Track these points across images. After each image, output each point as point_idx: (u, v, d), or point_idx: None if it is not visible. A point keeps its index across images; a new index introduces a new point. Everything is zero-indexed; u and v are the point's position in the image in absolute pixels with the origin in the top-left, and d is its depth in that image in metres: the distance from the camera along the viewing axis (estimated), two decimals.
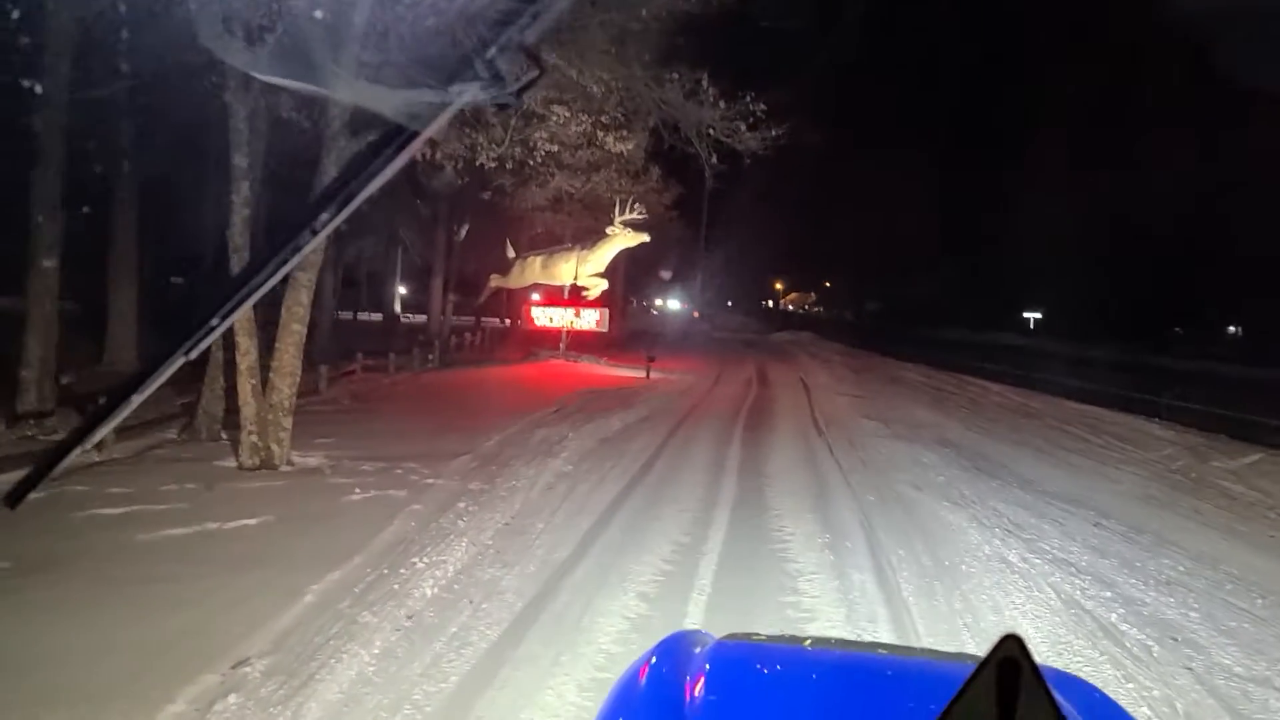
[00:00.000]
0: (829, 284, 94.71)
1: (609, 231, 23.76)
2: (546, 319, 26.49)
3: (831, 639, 4.14)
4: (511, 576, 5.66)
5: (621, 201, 23.13)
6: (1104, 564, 6.73)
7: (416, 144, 1.14)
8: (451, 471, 8.56)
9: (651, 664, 1.91)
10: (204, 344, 1.16)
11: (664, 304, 63.21)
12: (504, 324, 34.33)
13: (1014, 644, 0.90)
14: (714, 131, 13.35)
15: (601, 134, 17.26)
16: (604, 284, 25.15)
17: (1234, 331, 56.45)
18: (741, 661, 1.96)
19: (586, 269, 24.66)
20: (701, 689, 1.70)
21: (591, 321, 25.85)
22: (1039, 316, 62.55)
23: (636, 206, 23.25)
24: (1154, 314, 51.77)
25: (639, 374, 20.61)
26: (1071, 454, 12.51)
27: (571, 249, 25.33)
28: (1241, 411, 16.03)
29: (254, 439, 8.41)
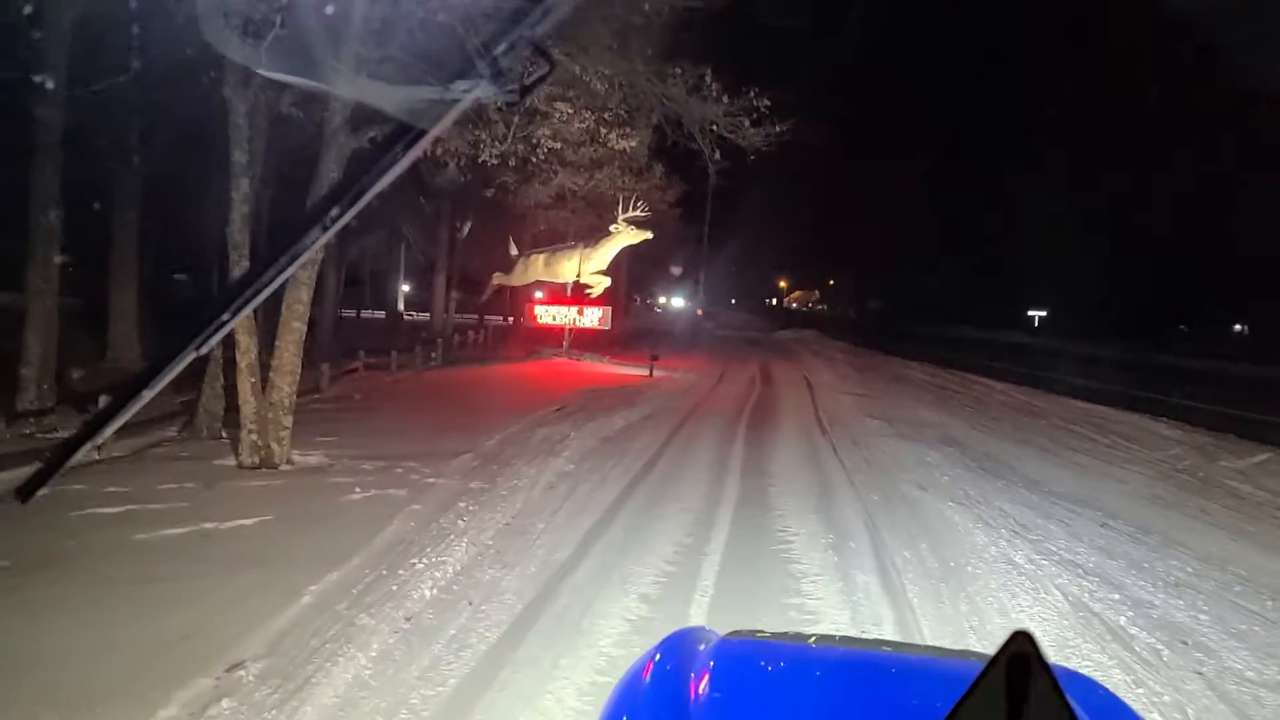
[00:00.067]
0: (833, 282, 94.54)
1: (612, 229, 23.69)
2: (549, 317, 26.40)
3: (836, 636, 4.09)
4: (511, 577, 5.59)
5: (624, 199, 23.07)
6: (1111, 565, 6.66)
7: (426, 140, 1.14)
8: (452, 470, 8.50)
9: (656, 661, 1.89)
10: (215, 339, 1.16)
11: (667, 302, 63.20)
12: (507, 322, 34.26)
13: (1025, 640, 0.90)
14: (717, 127, 13.27)
15: (604, 131, 17.23)
16: (607, 281, 25.06)
17: (1240, 330, 56.25)
18: (746, 658, 1.94)
19: (589, 266, 24.59)
20: (706, 686, 1.69)
21: (594, 319, 25.74)
22: (1043, 314, 62.33)
23: (639, 204, 23.19)
24: (1159, 312, 51.61)
25: (642, 372, 20.56)
26: (1077, 453, 12.43)
27: (574, 246, 25.26)
28: (1249, 410, 15.93)
29: (254, 438, 8.35)
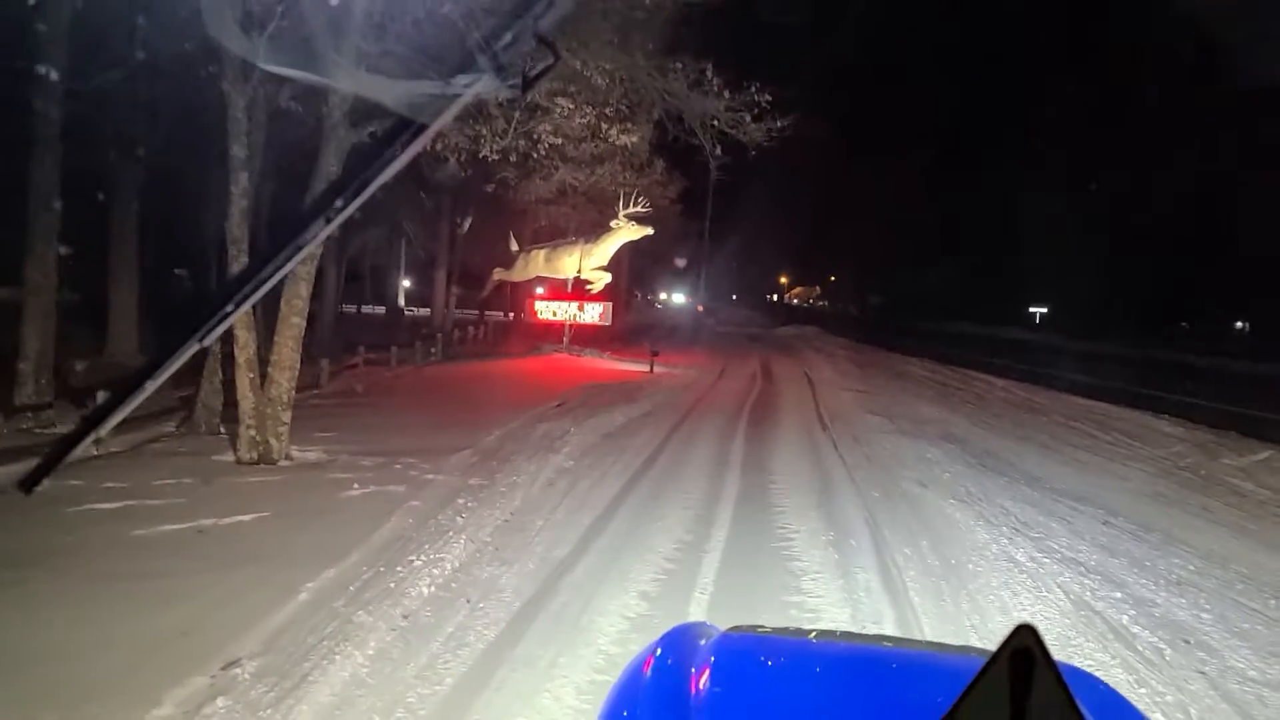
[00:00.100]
0: (834, 278, 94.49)
1: (613, 225, 23.64)
2: (550, 313, 26.34)
3: (836, 631, 4.16)
4: (510, 575, 5.56)
5: (625, 195, 23.02)
6: (1113, 563, 6.62)
7: (429, 133, 1.14)
8: (451, 467, 8.46)
9: (657, 656, 1.89)
10: (218, 331, 1.16)
11: (668, 298, 63.17)
12: (508, 317, 34.22)
13: (1028, 634, 0.90)
14: (718, 122, 13.21)
15: (605, 126, 17.18)
16: (607, 277, 25.01)
17: (1241, 327, 56.19)
18: (747, 653, 1.95)
19: (590, 262, 24.54)
20: (707, 681, 1.69)
21: (595, 315, 25.68)
22: (1044, 311, 62.28)
23: (640, 200, 23.14)
24: (1160, 309, 51.58)
25: (642, 368, 20.52)
26: (1079, 450, 12.39)
27: (575, 242, 25.21)
28: (1250, 408, 15.90)
29: (252, 433, 8.32)
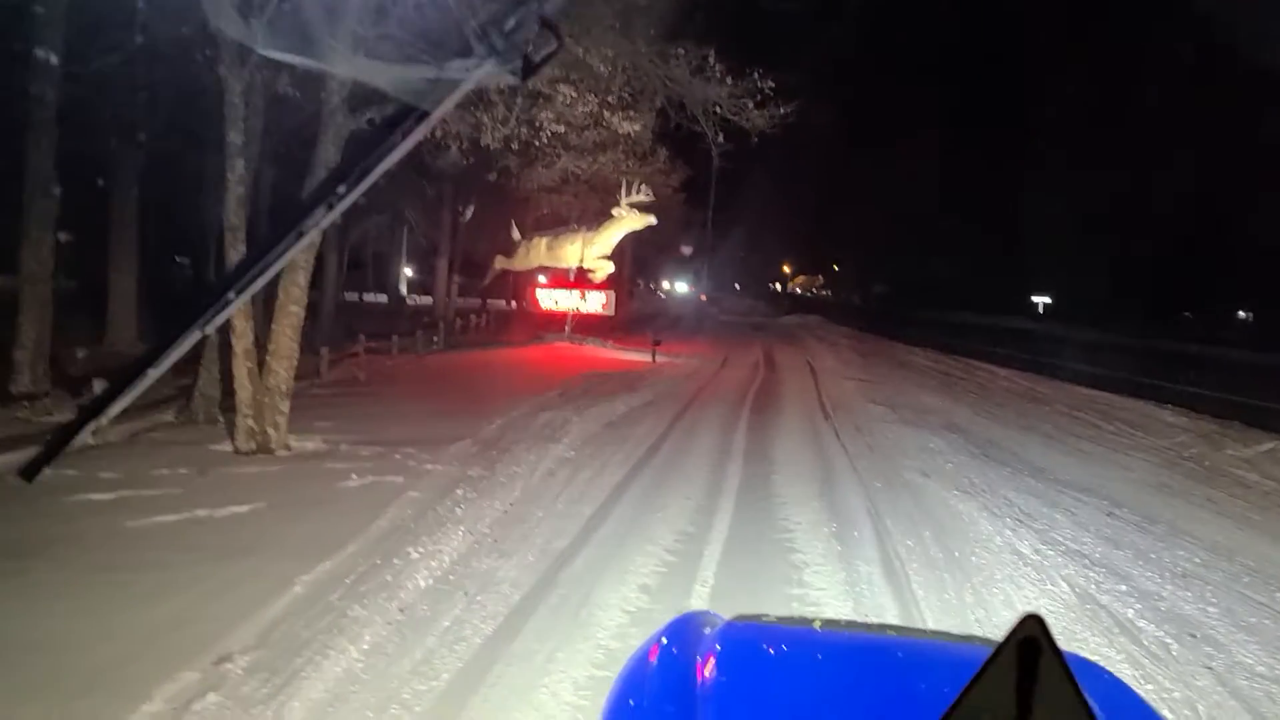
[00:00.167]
0: (837, 267, 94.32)
1: (615, 213, 23.54)
2: (552, 301, 26.29)
3: (841, 620, 4.13)
4: (509, 567, 5.50)
5: (628, 183, 22.91)
6: (1118, 555, 6.55)
7: (435, 117, 1.12)
8: (451, 457, 8.40)
9: (662, 644, 1.89)
10: (221, 318, 1.15)
11: (671, 287, 63.02)
12: (509, 306, 34.15)
13: (1034, 624, 0.90)
14: (721, 109, 13.09)
15: (608, 114, 17.05)
16: (610, 266, 24.93)
17: (1244, 317, 56.02)
18: (752, 642, 1.94)
19: (592, 251, 24.46)
20: (713, 669, 1.69)
21: (597, 304, 25.62)
22: (1048, 301, 62.12)
23: (643, 188, 23.03)
24: (1163, 299, 51.38)
25: (645, 357, 20.46)
26: (1082, 440, 12.31)
27: (577, 231, 25.11)
28: (1254, 398, 15.81)
29: (250, 423, 8.26)
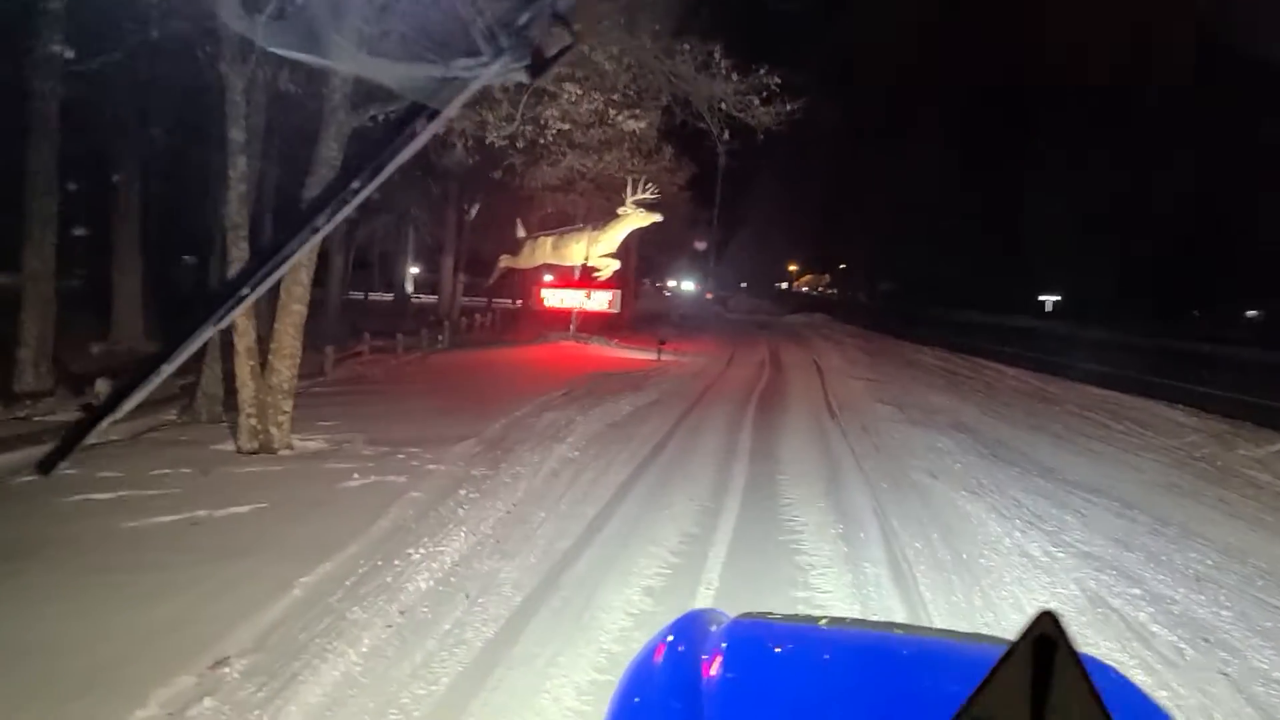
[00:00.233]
0: (843, 265, 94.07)
1: (620, 211, 23.45)
2: (557, 300, 26.19)
3: (847, 619, 4.04)
4: (511, 568, 5.43)
5: (633, 181, 22.81)
6: (1129, 558, 6.46)
7: (448, 112, 1.12)
8: (454, 456, 8.34)
9: (668, 642, 1.89)
10: (234, 313, 1.14)
11: (677, 285, 62.87)
12: (515, 305, 34.10)
13: (1049, 621, 0.90)
14: (726, 106, 12.99)
15: (613, 112, 16.98)
16: (616, 264, 24.85)
17: (1252, 315, 55.71)
18: (759, 640, 1.95)
19: (598, 249, 24.38)
20: (719, 667, 1.70)
21: (603, 303, 25.52)
22: (1057, 299, 61.88)
23: (649, 186, 22.93)
24: (1171, 297, 51.16)
25: (650, 356, 20.38)
26: (1092, 440, 12.19)
27: (583, 229, 25.03)
28: (1265, 397, 15.69)
29: (253, 422, 8.20)
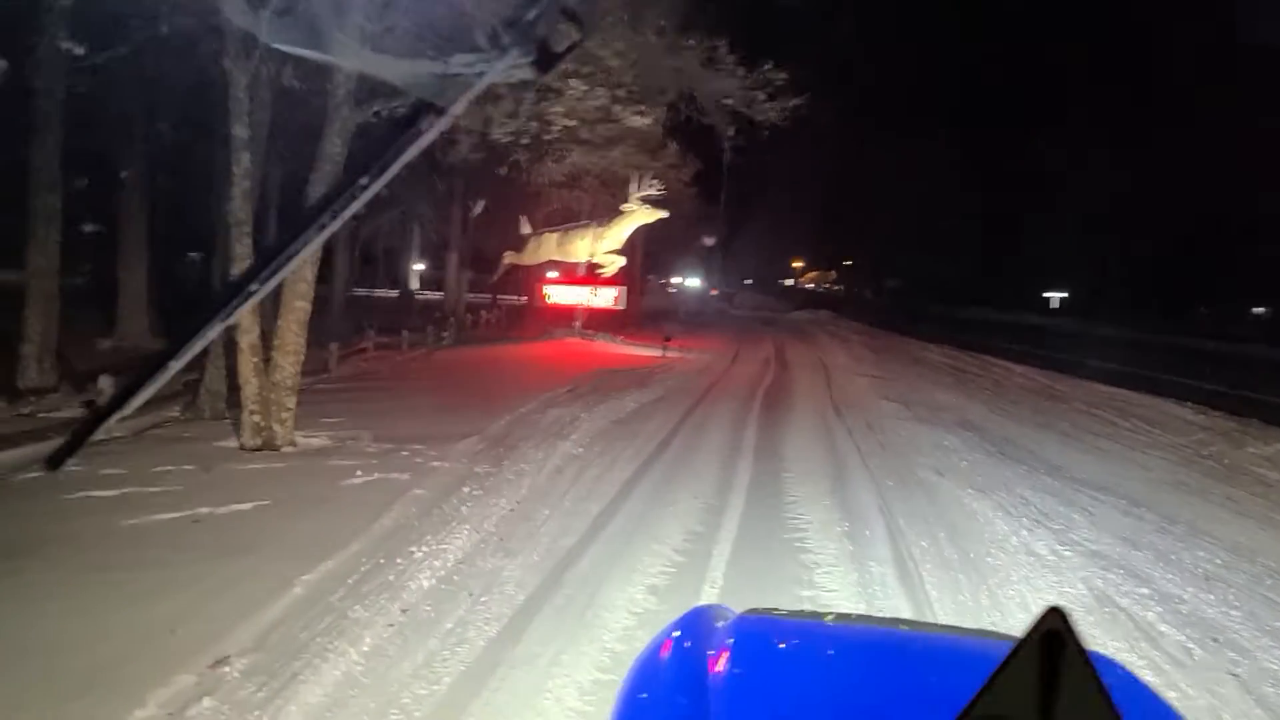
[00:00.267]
0: (849, 262, 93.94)
1: (625, 208, 23.36)
2: (562, 297, 26.15)
3: (852, 614, 4.06)
4: (514, 566, 5.40)
5: (639, 177, 22.74)
6: (1137, 556, 6.40)
7: (457, 107, 1.11)
8: (458, 454, 8.31)
9: (674, 638, 1.90)
10: (243, 309, 1.15)
11: (682, 282, 62.78)
12: (520, 301, 34.07)
13: (1057, 617, 0.90)
14: (732, 101, 12.93)
15: (618, 108, 16.90)
16: (621, 261, 24.76)
17: (1259, 313, 55.54)
18: (765, 636, 1.95)
19: (603, 246, 24.30)
20: (726, 663, 1.70)
21: (608, 299, 25.45)
22: (1064, 296, 61.72)
23: (654, 183, 22.85)
24: (1180, 294, 51.02)
25: (655, 353, 20.35)
26: (1099, 438, 12.11)
27: (588, 225, 24.96)
28: (1274, 395, 15.59)
29: (256, 419, 8.18)
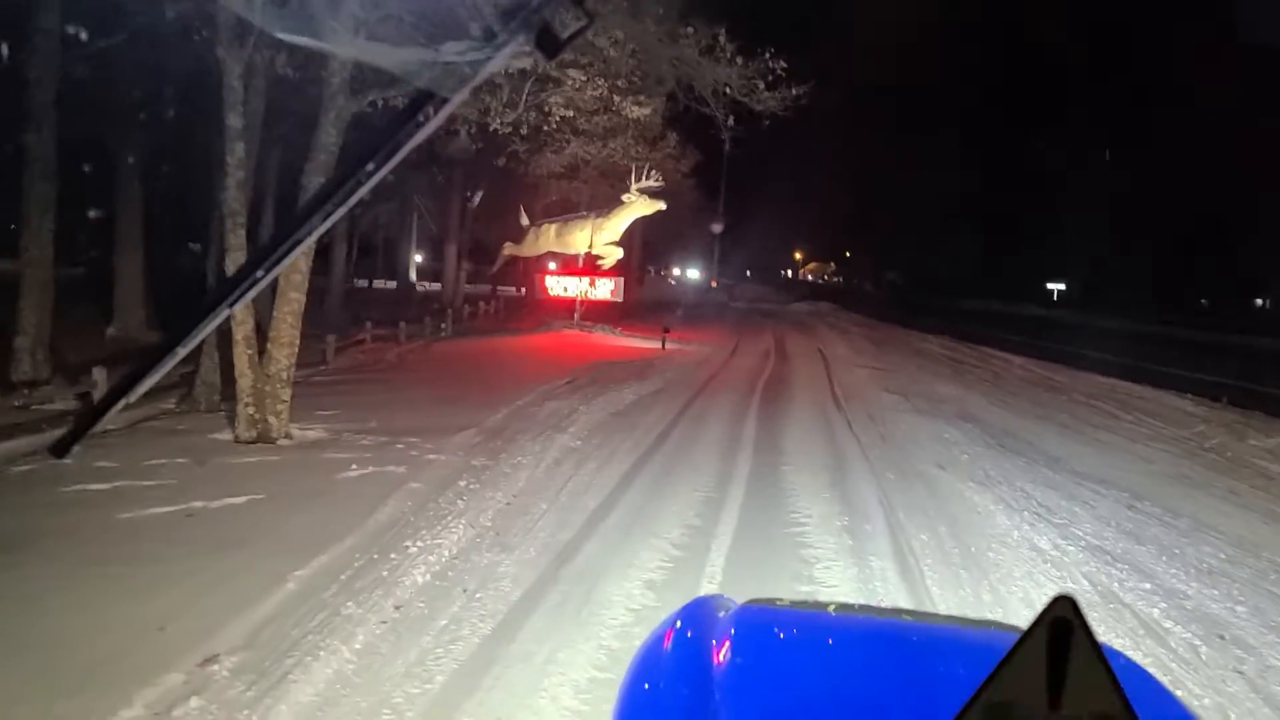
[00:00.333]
0: (849, 254, 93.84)
1: (625, 199, 23.30)
2: (561, 288, 26.08)
3: (855, 605, 4.00)
4: (510, 562, 5.33)
5: (638, 168, 22.66)
6: (1140, 551, 6.34)
7: (463, 93, 1.10)
8: (455, 446, 8.24)
9: (676, 628, 1.90)
10: (248, 296, 1.16)
11: (682, 273, 62.74)
12: (518, 293, 34.00)
13: (1066, 604, 0.88)
14: (731, 90, 12.80)
15: (617, 99, 16.81)
16: (619, 252, 24.72)
17: (1261, 304, 55.52)
18: (767, 626, 1.95)
19: (602, 237, 24.23)
20: (728, 653, 1.69)
21: (606, 291, 25.41)
22: (1063, 288, 61.64)
23: (653, 173, 22.78)
24: (1180, 286, 50.96)
25: (654, 345, 20.25)
26: (1100, 430, 12.06)
27: (586, 217, 24.89)
28: (1276, 386, 15.53)
29: (250, 411, 8.11)
